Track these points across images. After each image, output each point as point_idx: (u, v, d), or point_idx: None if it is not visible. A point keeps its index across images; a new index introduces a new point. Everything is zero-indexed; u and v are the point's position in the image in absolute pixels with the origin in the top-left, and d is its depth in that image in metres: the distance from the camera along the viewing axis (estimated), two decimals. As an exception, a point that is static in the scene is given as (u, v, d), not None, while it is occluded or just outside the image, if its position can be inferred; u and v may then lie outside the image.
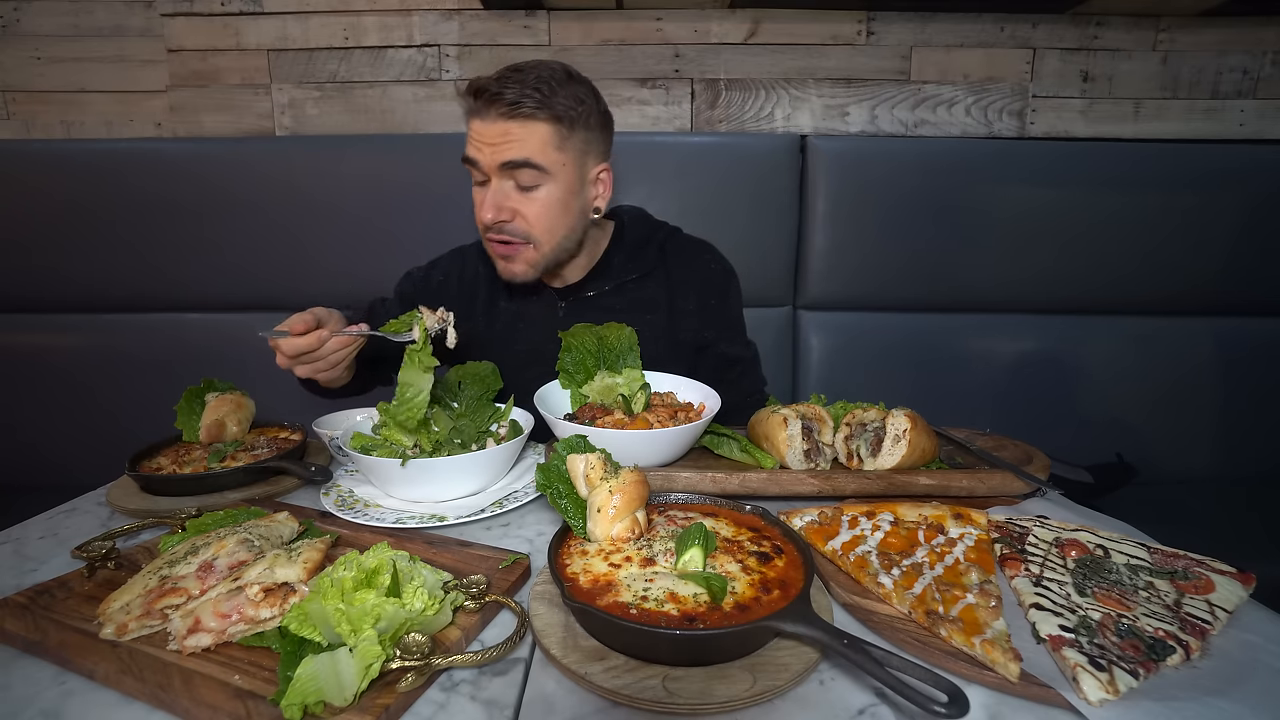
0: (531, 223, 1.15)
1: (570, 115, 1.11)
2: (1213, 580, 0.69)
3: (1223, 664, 0.60)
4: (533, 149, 1.10)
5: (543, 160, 1.10)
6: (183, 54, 1.98)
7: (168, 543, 0.78)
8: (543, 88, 1.08)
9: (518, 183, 1.12)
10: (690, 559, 0.66)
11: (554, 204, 1.15)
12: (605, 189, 1.23)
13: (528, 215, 1.14)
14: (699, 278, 1.33)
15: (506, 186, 1.13)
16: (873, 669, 0.53)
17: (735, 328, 1.39)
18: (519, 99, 1.07)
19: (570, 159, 1.14)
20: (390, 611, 0.59)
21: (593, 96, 1.16)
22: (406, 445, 1.01)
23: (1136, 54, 1.97)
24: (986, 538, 0.79)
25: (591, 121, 1.15)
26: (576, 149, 1.14)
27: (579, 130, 1.13)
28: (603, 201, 1.23)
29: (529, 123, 1.09)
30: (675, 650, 0.58)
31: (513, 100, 1.07)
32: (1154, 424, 1.81)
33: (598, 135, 1.18)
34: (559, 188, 1.14)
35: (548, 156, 1.11)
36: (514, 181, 1.12)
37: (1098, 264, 1.78)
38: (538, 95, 1.08)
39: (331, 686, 0.54)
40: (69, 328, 1.82)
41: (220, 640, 0.62)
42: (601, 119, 1.18)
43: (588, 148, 1.16)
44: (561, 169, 1.13)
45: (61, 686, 0.60)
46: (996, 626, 0.62)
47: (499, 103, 1.08)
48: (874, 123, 2.02)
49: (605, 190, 1.23)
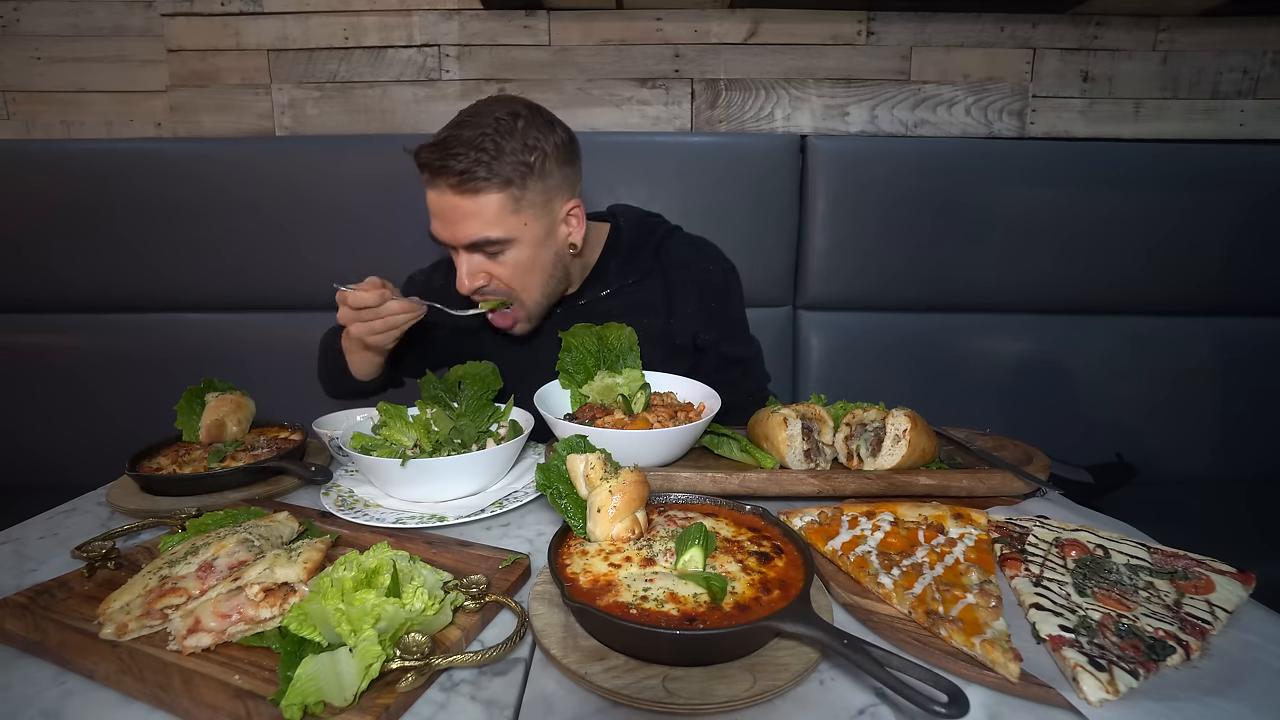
0: (507, 283, 1.15)
1: (521, 173, 1.06)
2: (1213, 580, 0.69)
3: (1223, 664, 0.60)
4: (488, 223, 1.07)
5: (501, 232, 1.08)
6: (183, 54, 1.98)
7: (168, 543, 0.78)
8: (488, 148, 1.03)
9: (485, 253, 1.12)
10: (690, 559, 0.67)
11: (523, 262, 1.13)
12: (579, 223, 1.19)
13: (501, 277, 1.14)
14: (698, 280, 1.31)
15: (475, 258, 1.12)
16: (873, 669, 0.53)
17: (737, 327, 1.38)
18: (466, 169, 1.03)
19: (531, 216, 1.10)
20: (390, 611, 0.59)
21: (545, 132, 1.09)
22: (406, 445, 1.01)
23: (1136, 54, 1.97)
24: (986, 538, 0.79)
25: (548, 167, 1.09)
26: (535, 204, 1.10)
27: (533, 183, 1.08)
28: (578, 236, 1.19)
29: (480, 196, 1.05)
30: (675, 650, 0.59)
31: (460, 171, 1.03)
32: (1154, 424, 1.81)
33: (557, 176, 1.12)
34: (526, 246, 1.12)
35: (506, 225, 1.08)
36: (481, 253, 1.12)
37: (1098, 264, 1.78)
38: (483, 161, 1.03)
39: (331, 686, 0.54)
40: (70, 328, 1.82)
41: (220, 640, 0.62)
42: (560, 154, 1.12)
43: (548, 195, 1.12)
44: (524, 229, 1.10)
45: (61, 686, 0.60)
46: (996, 626, 0.62)
47: (446, 174, 1.05)
48: (874, 123, 2.02)
49: (579, 224, 1.19)
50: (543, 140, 1.08)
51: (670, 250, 1.32)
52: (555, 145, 1.11)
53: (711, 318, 1.31)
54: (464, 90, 1.99)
